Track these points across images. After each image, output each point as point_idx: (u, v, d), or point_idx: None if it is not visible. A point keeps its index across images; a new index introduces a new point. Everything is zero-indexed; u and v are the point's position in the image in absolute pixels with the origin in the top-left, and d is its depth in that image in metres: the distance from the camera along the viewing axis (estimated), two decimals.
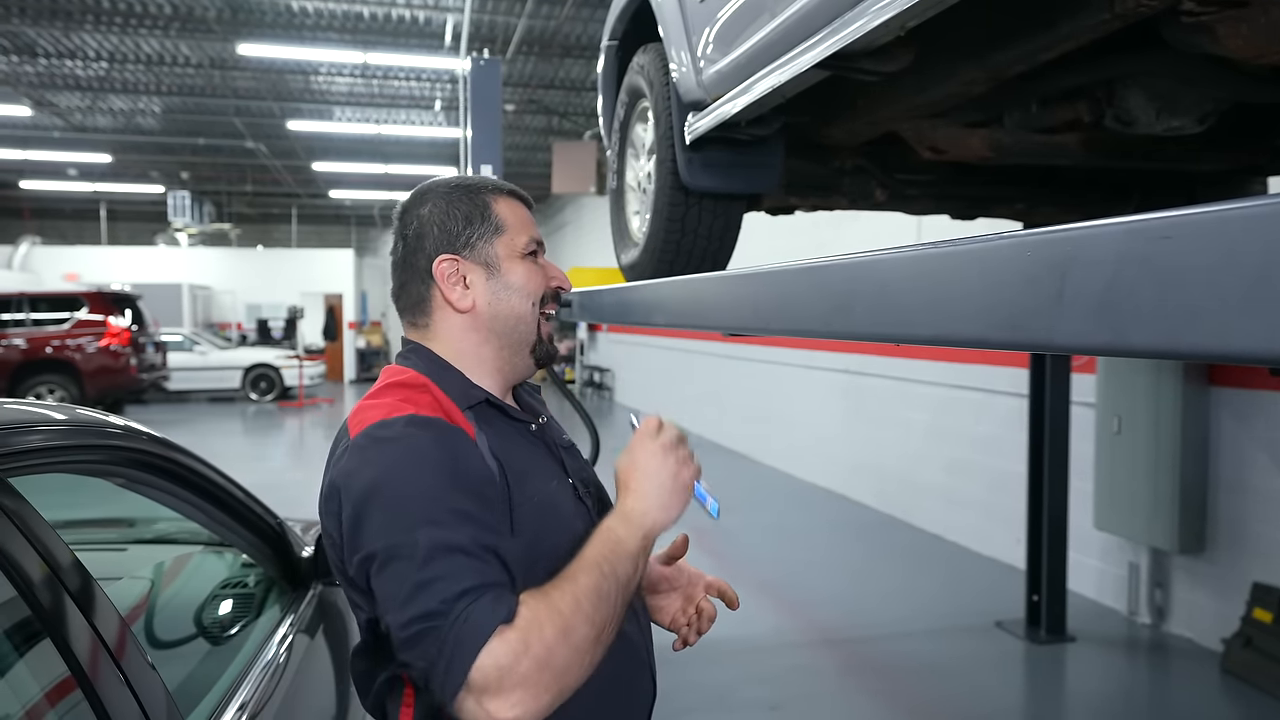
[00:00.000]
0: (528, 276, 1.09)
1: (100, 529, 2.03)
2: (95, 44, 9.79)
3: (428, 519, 0.86)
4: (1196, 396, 3.74)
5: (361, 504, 0.88)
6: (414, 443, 0.91)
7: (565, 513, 1.04)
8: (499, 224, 1.09)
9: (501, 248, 1.08)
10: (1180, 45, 1.29)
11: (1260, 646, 3.41)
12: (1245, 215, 0.58)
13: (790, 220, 3.34)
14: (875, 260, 1.04)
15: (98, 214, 19.67)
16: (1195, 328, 0.61)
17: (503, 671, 0.79)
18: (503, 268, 1.08)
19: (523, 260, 1.09)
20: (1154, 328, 0.65)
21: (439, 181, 1.13)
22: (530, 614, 0.83)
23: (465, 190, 1.10)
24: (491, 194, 1.10)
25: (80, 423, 1.15)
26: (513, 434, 1.06)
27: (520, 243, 1.09)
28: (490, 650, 0.79)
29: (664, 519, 0.98)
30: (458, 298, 1.07)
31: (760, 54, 1.58)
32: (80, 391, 10.52)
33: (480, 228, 1.08)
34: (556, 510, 1.03)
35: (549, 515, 1.01)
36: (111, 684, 0.90)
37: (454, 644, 0.79)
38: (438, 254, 1.07)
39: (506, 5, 8.73)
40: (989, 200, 2.60)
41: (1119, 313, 0.68)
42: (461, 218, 1.08)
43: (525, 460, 1.03)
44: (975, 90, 1.59)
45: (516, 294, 1.08)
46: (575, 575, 0.89)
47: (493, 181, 1.13)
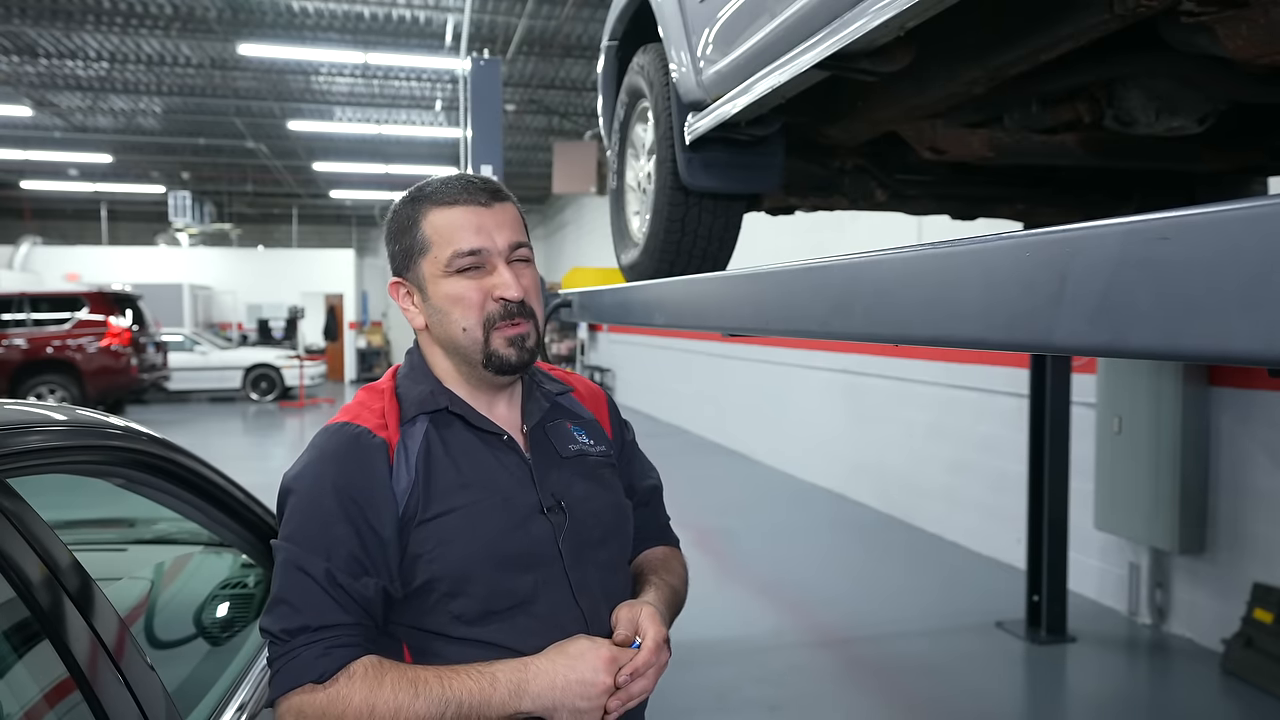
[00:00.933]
0: (452, 298, 1.03)
1: (100, 529, 2.03)
2: (96, 44, 9.80)
3: (299, 536, 0.97)
4: (1197, 397, 3.74)
5: (281, 497, 1.02)
6: (323, 458, 1.00)
7: (502, 524, 1.01)
8: (424, 242, 1.04)
9: (427, 267, 1.04)
10: (1180, 45, 1.29)
11: (1261, 647, 3.40)
12: (1243, 216, 0.57)
13: (791, 221, 3.34)
14: (875, 261, 1.04)
15: (98, 214, 19.68)
16: (1194, 329, 0.61)
17: (298, 717, 0.91)
18: (429, 290, 1.05)
19: (449, 278, 1.03)
20: (1153, 329, 0.65)
21: (411, 188, 1.11)
22: (348, 689, 0.90)
23: (410, 202, 1.07)
24: (431, 204, 1.05)
25: (80, 423, 1.15)
26: (471, 444, 1.05)
27: (443, 258, 1.03)
28: (298, 697, 0.91)
29: (542, 714, 0.94)
30: (411, 317, 1.09)
31: (760, 54, 1.58)
32: (81, 392, 10.52)
33: (410, 247, 1.05)
34: (488, 520, 1.00)
35: (471, 526, 1.00)
36: (110, 685, 0.90)
37: (279, 671, 0.92)
38: (392, 273, 1.10)
39: (507, 5, 8.73)
40: (989, 200, 2.59)
41: (1118, 314, 0.68)
42: (395, 236, 1.07)
43: (471, 471, 1.03)
44: (975, 90, 1.59)
45: (444, 315, 1.04)
46: (420, 692, 0.91)
47: (444, 185, 1.06)
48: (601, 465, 1.14)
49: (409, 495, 0.99)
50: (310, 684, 0.90)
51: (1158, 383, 3.79)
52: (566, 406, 1.16)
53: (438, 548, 0.98)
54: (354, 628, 0.94)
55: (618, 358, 14.75)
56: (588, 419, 1.18)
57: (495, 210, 1.05)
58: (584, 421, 1.17)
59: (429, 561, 0.98)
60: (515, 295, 1.02)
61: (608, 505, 1.12)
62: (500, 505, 1.02)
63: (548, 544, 1.03)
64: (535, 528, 1.03)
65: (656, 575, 1.16)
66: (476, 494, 1.01)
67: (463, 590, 0.98)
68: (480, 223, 1.03)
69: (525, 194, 18.65)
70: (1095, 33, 1.27)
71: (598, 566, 1.08)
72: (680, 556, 1.26)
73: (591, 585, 1.05)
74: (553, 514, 1.05)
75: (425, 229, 1.04)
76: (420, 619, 0.99)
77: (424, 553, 0.98)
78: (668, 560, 1.22)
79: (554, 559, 1.03)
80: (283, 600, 0.94)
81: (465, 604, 0.98)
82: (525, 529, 1.02)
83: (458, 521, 0.99)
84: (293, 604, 0.93)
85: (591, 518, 1.08)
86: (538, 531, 1.03)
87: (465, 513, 1.00)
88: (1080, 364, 4.23)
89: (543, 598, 1.01)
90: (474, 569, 0.98)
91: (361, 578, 0.95)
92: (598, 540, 1.09)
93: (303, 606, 0.93)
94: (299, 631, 0.92)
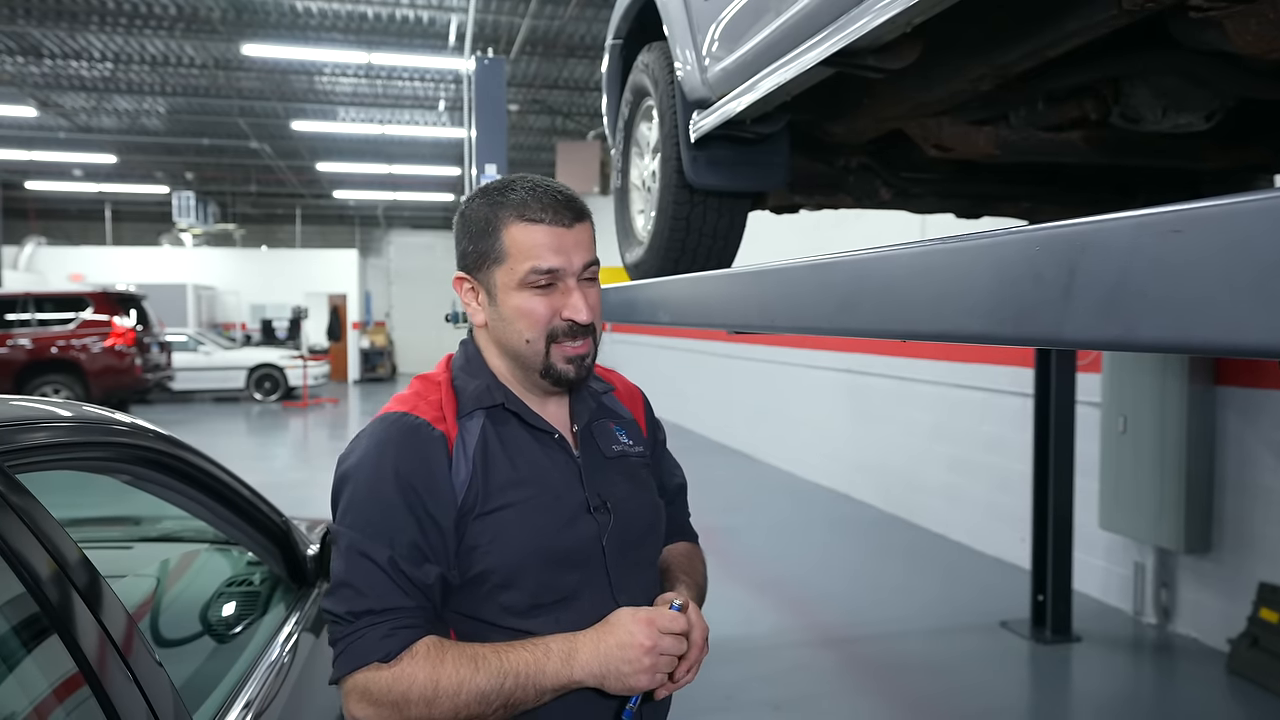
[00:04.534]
0: (521, 311, 1.05)
1: (107, 527, 2.03)
2: (100, 45, 9.82)
3: (361, 523, 0.99)
4: (1202, 396, 3.73)
5: (337, 483, 1.04)
6: (383, 447, 1.02)
7: (554, 522, 1.04)
8: (501, 252, 1.05)
9: (500, 276, 1.05)
10: (1188, 42, 1.29)
11: (1266, 646, 3.39)
12: (1255, 208, 0.57)
13: (796, 219, 3.34)
14: (882, 257, 1.04)
15: (103, 214, 19.72)
16: (1206, 321, 0.60)
17: (363, 695, 0.95)
18: (498, 297, 1.06)
19: (520, 291, 1.04)
20: (1164, 322, 0.64)
21: (491, 185, 1.11)
22: (412, 668, 0.94)
23: (491, 205, 1.07)
24: (514, 216, 1.05)
25: (87, 420, 1.15)
26: (525, 441, 1.08)
27: (519, 272, 1.04)
28: (363, 675, 0.95)
29: (593, 682, 0.98)
30: (473, 312, 1.11)
31: (765, 52, 1.57)
32: (85, 391, 10.54)
33: (485, 251, 1.06)
34: (541, 517, 1.04)
35: (526, 522, 1.03)
36: (119, 681, 0.91)
37: (344, 650, 0.96)
38: (458, 267, 1.11)
39: (510, 5, 8.73)
40: (994, 198, 2.59)
41: (1128, 307, 0.67)
42: (470, 235, 1.08)
43: (525, 468, 1.05)
44: (982, 87, 1.58)
45: (508, 324, 1.06)
46: (480, 667, 0.95)
47: (530, 197, 1.06)
48: (641, 465, 1.18)
49: (467, 488, 1.02)
50: (376, 663, 0.94)
51: (1163, 382, 3.79)
52: (609, 406, 1.20)
53: (494, 541, 1.01)
54: (416, 611, 0.98)
55: (621, 357, 14.75)
56: (628, 419, 1.21)
57: (575, 230, 1.06)
58: (624, 421, 1.20)
59: (484, 554, 1.01)
60: (584, 320, 1.05)
61: (647, 505, 1.16)
62: (552, 503, 1.05)
63: (593, 543, 1.07)
64: (582, 526, 1.06)
65: (683, 573, 1.20)
66: (530, 491, 1.04)
67: (513, 583, 1.02)
68: (560, 243, 1.04)
69: None
70: (1103, 29, 1.27)
71: (635, 565, 1.12)
72: (700, 553, 1.31)
73: (630, 583, 1.09)
74: (598, 514, 1.08)
75: (505, 240, 1.05)
76: (471, 607, 1.03)
77: (480, 545, 1.01)
78: (690, 558, 1.26)
79: (597, 557, 1.07)
80: (346, 584, 0.98)
81: (514, 596, 1.02)
82: (574, 527, 1.06)
83: (513, 517, 1.02)
84: (357, 588, 0.97)
85: (632, 518, 1.12)
86: (584, 530, 1.06)
87: (520, 509, 1.03)
88: (1085, 362, 4.23)
89: (585, 594, 1.05)
90: (525, 564, 1.02)
91: (423, 565, 0.98)
92: (637, 540, 1.12)
93: (367, 590, 0.96)
94: (364, 614, 0.96)
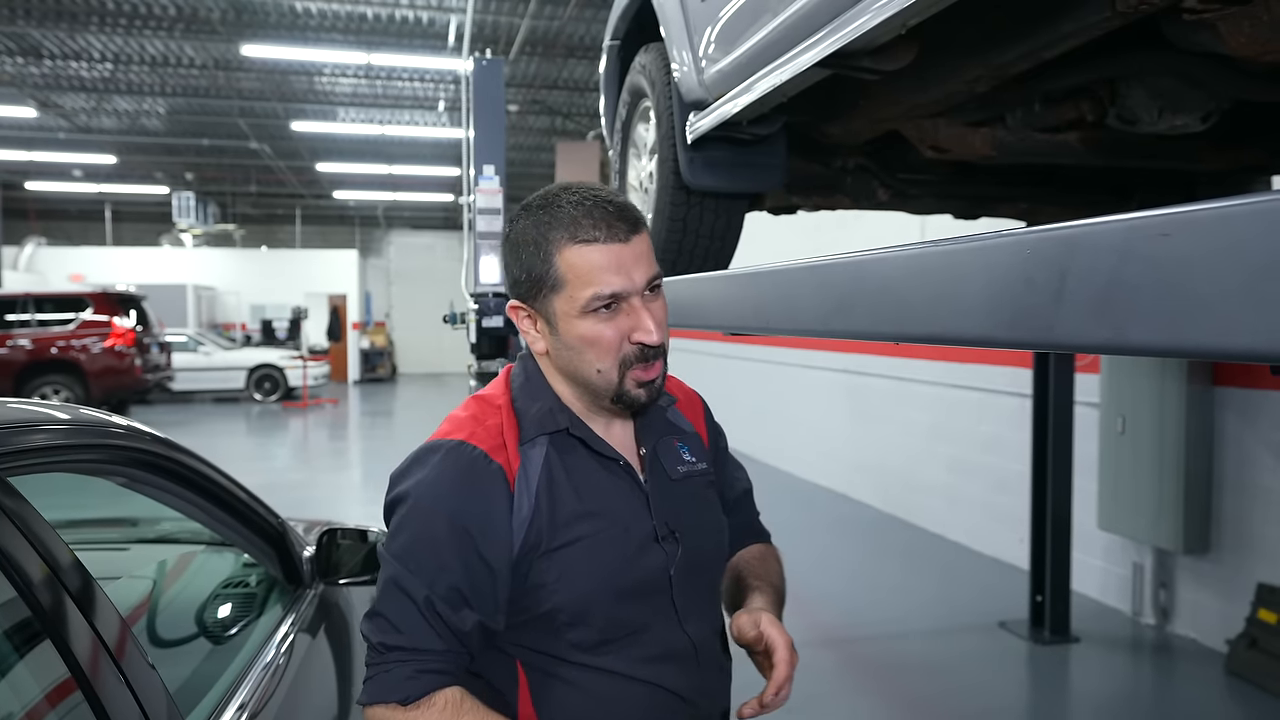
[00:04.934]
0: (588, 340, 0.97)
1: (103, 528, 2.03)
2: (100, 45, 9.83)
3: (405, 556, 0.97)
4: (1201, 396, 3.73)
5: (389, 505, 1.01)
6: (439, 480, 0.98)
7: (622, 556, 1.00)
8: (557, 279, 0.97)
9: (559, 304, 0.98)
10: (1183, 43, 1.29)
11: (1265, 647, 3.39)
12: (1246, 212, 0.57)
13: (795, 220, 3.34)
14: (876, 259, 1.04)
15: (103, 215, 19.72)
16: (1196, 325, 0.61)
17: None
18: (560, 327, 0.99)
19: (584, 318, 0.97)
20: (1154, 325, 0.64)
21: (535, 200, 1.02)
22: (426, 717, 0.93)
23: (540, 226, 0.98)
24: (566, 239, 0.96)
25: (81, 422, 1.15)
26: (591, 469, 1.03)
27: (580, 300, 0.96)
28: (382, 710, 0.94)
29: None
30: (531, 340, 1.04)
31: (761, 53, 1.57)
32: (85, 392, 10.55)
33: (540, 279, 0.98)
34: (609, 551, 1.00)
35: (594, 558, 0.99)
36: (111, 685, 0.90)
37: (371, 679, 0.96)
38: (511, 294, 1.04)
39: (510, 6, 8.74)
40: (992, 199, 2.59)
41: (1119, 310, 0.67)
42: (520, 261, 1.00)
43: (591, 498, 1.01)
44: (977, 89, 1.58)
45: (575, 354, 0.99)
46: None
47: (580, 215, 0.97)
48: (706, 484, 1.13)
49: (529, 525, 0.97)
50: (395, 703, 0.93)
51: (1161, 382, 3.79)
52: (673, 421, 1.14)
53: (561, 579, 0.97)
54: (446, 654, 0.96)
55: None
56: (690, 433, 1.15)
57: (634, 244, 0.98)
58: (688, 436, 1.14)
59: (551, 592, 0.97)
60: (656, 341, 0.98)
61: (713, 529, 1.12)
62: (620, 535, 1.01)
63: (660, 573, 1.03)
64: (650, 557, 1.02)
65: (757, 579, 1.15)
66: (598, 523, 1.00)
67: (582, 620, 0.99)
68: (620, 262, 0.96)
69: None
70: (1097, 31, 1.27)
71: (702, 592, 1.08)
72: (775, 551, 1.26)
73: (697, 611, 1.06)
74: (666, 543, 1.03)
75: (560, 265, 0.97)
76: (539, 642, 1.00)
77: (546, 583, 0.97)
78: (764, 559, 1.21)
79: (665, 587, 1.03)
80: (382, 614, 0.97)
81: (583, 633, 0.99)
82: (642, 559, 1.02)
83: (580, 553, 0.98)
84: (391, 621, 0.96)
85: (699, 544, 1.08)
86: (653, 561, 1.02)
87: (587, 544, 0.99)
88: (1084, 364, 4.22)
89: (654, 626, 1.02)
90: (594, 600, 0.98)
91: (461, 610, 0.95)
92: (703, 566, 1.09)
93: (400, 626, 0.95)
94: (394, 649, 0.95)
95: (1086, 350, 0.73)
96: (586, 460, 1.02)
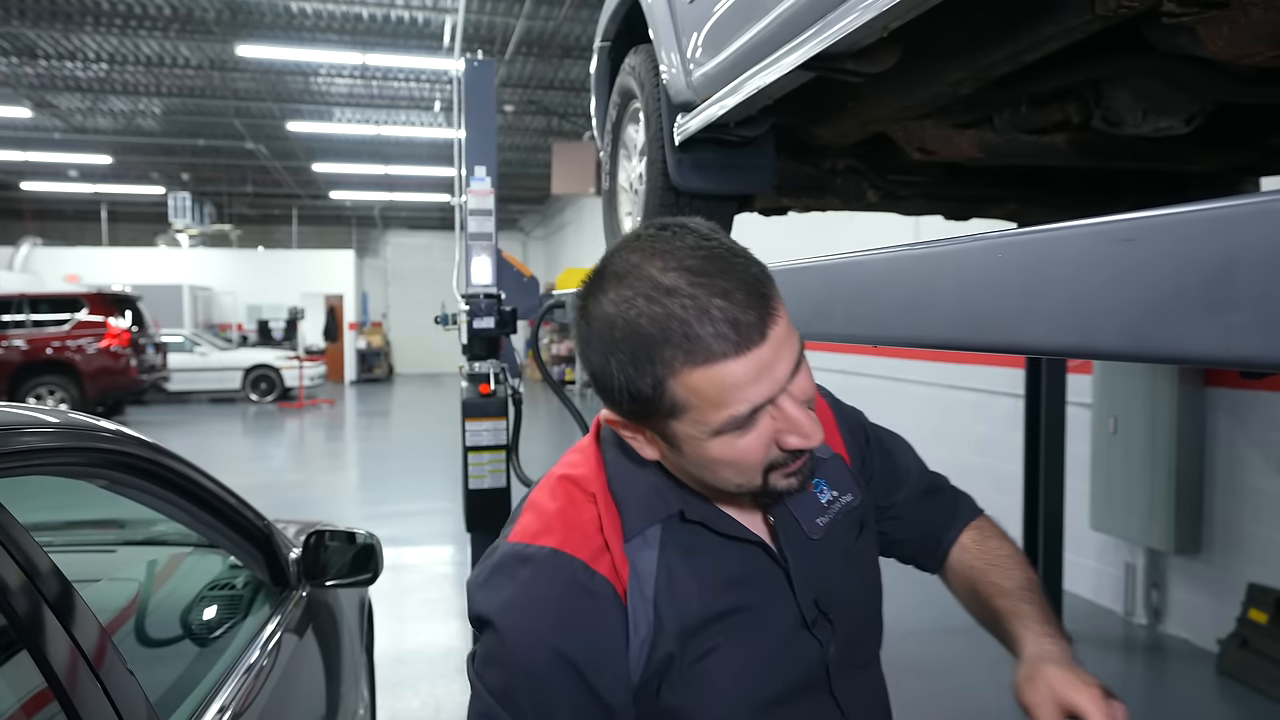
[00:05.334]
0: (724, 461, 0.77)
1: (91, 530, 2.03)
2: (95, 45, 9.82)
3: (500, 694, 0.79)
4: (1192, 397, 3.74)
5: (474, 622, 0.83)
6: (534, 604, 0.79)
7: (767, 657, 0.83)
8: (676, 406, 0.74)
9: (682, 427, 0.76)
10: (1163, 46, 1.29)
11: (1256, 647, 3.40)
12: (1206, 217, 0.58)
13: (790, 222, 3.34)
14: (855, 262, 1.04)
15: (98, 215, 19.70)
16: (1158, 331, 0.61)
17: None
18: (683, 448, 0.78)
19: (716, 439, 0.75)
20: (1120, 331, 0.65)
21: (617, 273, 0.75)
22: None
23: (638, 338, 0.72)
24: (684, 360, 0.71)
25: (65, 426, 1.15)
26: (716, 555, 0.83)
27: (712, 424, 0.74)
28: None
29: None
30: (638, 446, 0.82)
31: (747, 55, 1.58)
32: (80, 393, 10.55)
33: (649, 404, 0.75)
34: (752, 656, 0.82)
35: (734, 668, 0.81)
36: (89, 694, 0.90)
37: None
38: (606, 404, 0.81)
39: (505, 6, 8.74)
40: (981, 201, 2.59)
41: (1086, 315, 0.68)
42: (620, 380, 0.74)
43: (722, 594, 0.82)
44: (962, 91, 1.59)
45: (705, 470, 0.79)
46: None
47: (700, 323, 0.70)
48: (853, 523, 0.93)
49: (650, 647, 0.79)
50: None
51: (1153, 383, 3.80)
52: None
53: (697, 701, 0.81)
54: None
55: None
56: (826, 457, 0.93)
57: (773, 333, 0.73)
58: (824, 465, 0.92)
59: (687, 716, 0.81)
60: (814, 444, 0.77)
61: (867, 590, 0.95)
62: (761, 634, 0.83)
63: (816, 666, 0.86)
64: (802, 650, 0.85)
65: (1007, 597, 0.95)
66: (733, 625, 0.82)
67: None
68: (760, 367, 0.72)
69: (524, 195, 18.67)
70: (1079, 33, 1.27)
71: (861, 668, 0.92)
72: (992, 527, 1.06)
73: (858, 694, 0.90)
74: (817, 627, 0.86)
75: (678, 391, 0.73)
76: None
77: (681, 705, 0.80)
78: (993, 553, 1.01)
79: (822, 682, 0.86)
80: None
81: None
82: (791, 655, 0.84)
83: (717, 665, 0.81)
84: None
85: (856, 615, 0.91)
86: (805, 654, 0.85)
87: (724, 653, 0.81)
88: (1076, 364, 4.23)
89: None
90: (737, 716, 0.82)
91: None
92: (861, 638, 0.92)
93: None
94: None
95: (1056, 354, 0.73)
96: (709, 546, 0.83)
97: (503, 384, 3.41)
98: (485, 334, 3.33)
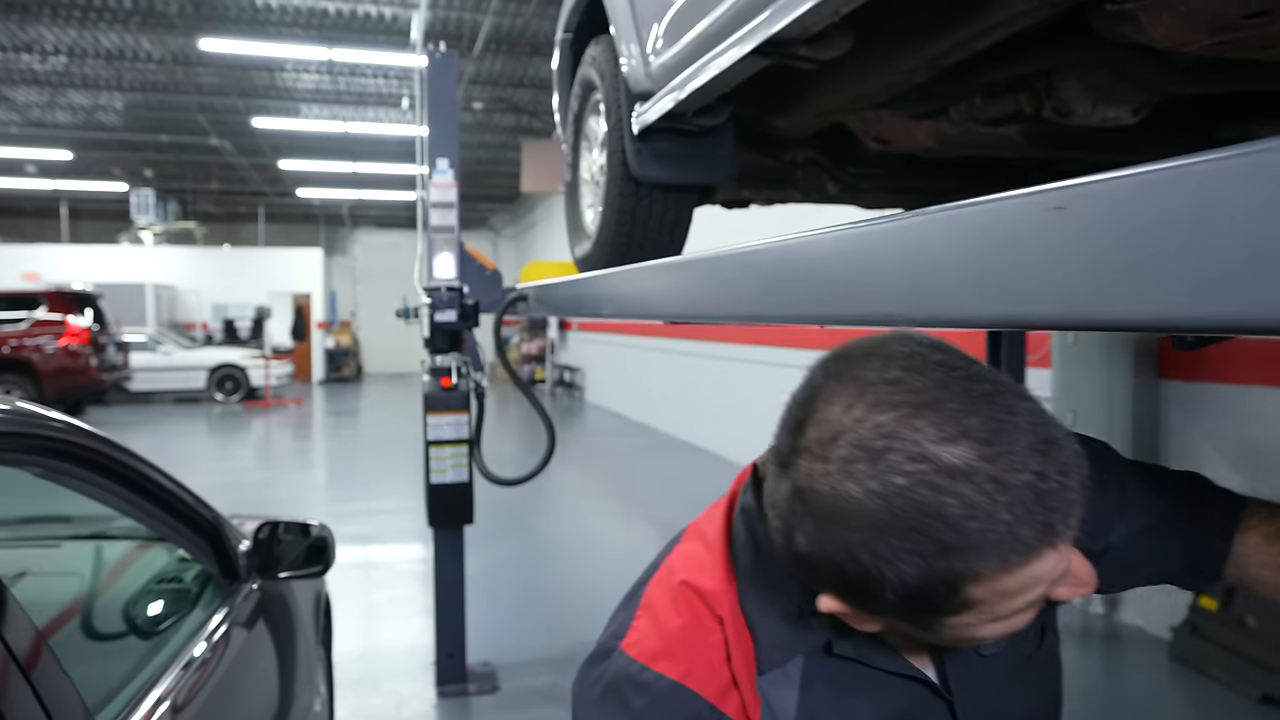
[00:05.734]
0: (994, 634, 0.65)
1: (35, 526, 1.98)
2: (53, 37, 9.60)
3: None
4: (1147, 390, 3.81)
5: None
6: None
7: None
8: (963, 604, 0.61)
9: (965, 619, 0.62)
10: (1108, 35, 1.31)
11: (1206, 634, 3.47)
12: (1134, 183, 0.58)
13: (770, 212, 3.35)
14: (804, 242, 1.04)
15: (58, 212, 19.28)
16: (1088, 298, 0.61)
17: None
18: (945, 633, 0.65)
19: (998, 622, 0.63)
20: (1053, 299, 0.65)
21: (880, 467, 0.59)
22: None
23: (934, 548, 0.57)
24: (987, 564, 0.58)
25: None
26: (868, 691, 0.72)
27: (1005, 610, 0.62)
28: None
29: None
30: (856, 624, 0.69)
31: (703, 44, 1.57)
32: (39, 392, 10.32)
33: (925, 601, 0.61)
34: None
35: None
36: (19, 698, 0.86)
37: None
38: (824, 588, 0.65)
39: (473, 2, 8.68)
40: (941, 192, 2.62)
41: (1021, 285, 0.68)
42: (898, 582, 0.59)
43: None
44: (916, 79, 1.60)
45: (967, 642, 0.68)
46: None
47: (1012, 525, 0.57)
48: (1033, 634, 0.80)
49: None
50: None
51: (1110, 376, 3.86)
52: None
53: None
54: None
55: (587, 357, 14.74)
56: None
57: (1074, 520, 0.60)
58: None
59: None
60: (1091, 584, 0.67)
61: (1047, 707, 0.84)
62: None
63: None
64: None
65: None
66: None
67: None
68: (1058, 559, 0.60)
69: (494, 193, 18.57)
70: (1026, 20, 1.28)
71: None
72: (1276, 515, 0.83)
73: None
74: None
75: (974, 593, 0.60)
76: None
77: None
78: None
79: None
80: None
81: None
82: None
83: None
84: None
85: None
86: None
87: None
88: (1036, 358, 4.29)
89: None
90: None
91: None
92: None
93: None
94: None
95: (994, 326, 0.74)
96: (862, 683, 0.71)
97: (465, 378, 3.39)
98: (447, 327, 3.30)
